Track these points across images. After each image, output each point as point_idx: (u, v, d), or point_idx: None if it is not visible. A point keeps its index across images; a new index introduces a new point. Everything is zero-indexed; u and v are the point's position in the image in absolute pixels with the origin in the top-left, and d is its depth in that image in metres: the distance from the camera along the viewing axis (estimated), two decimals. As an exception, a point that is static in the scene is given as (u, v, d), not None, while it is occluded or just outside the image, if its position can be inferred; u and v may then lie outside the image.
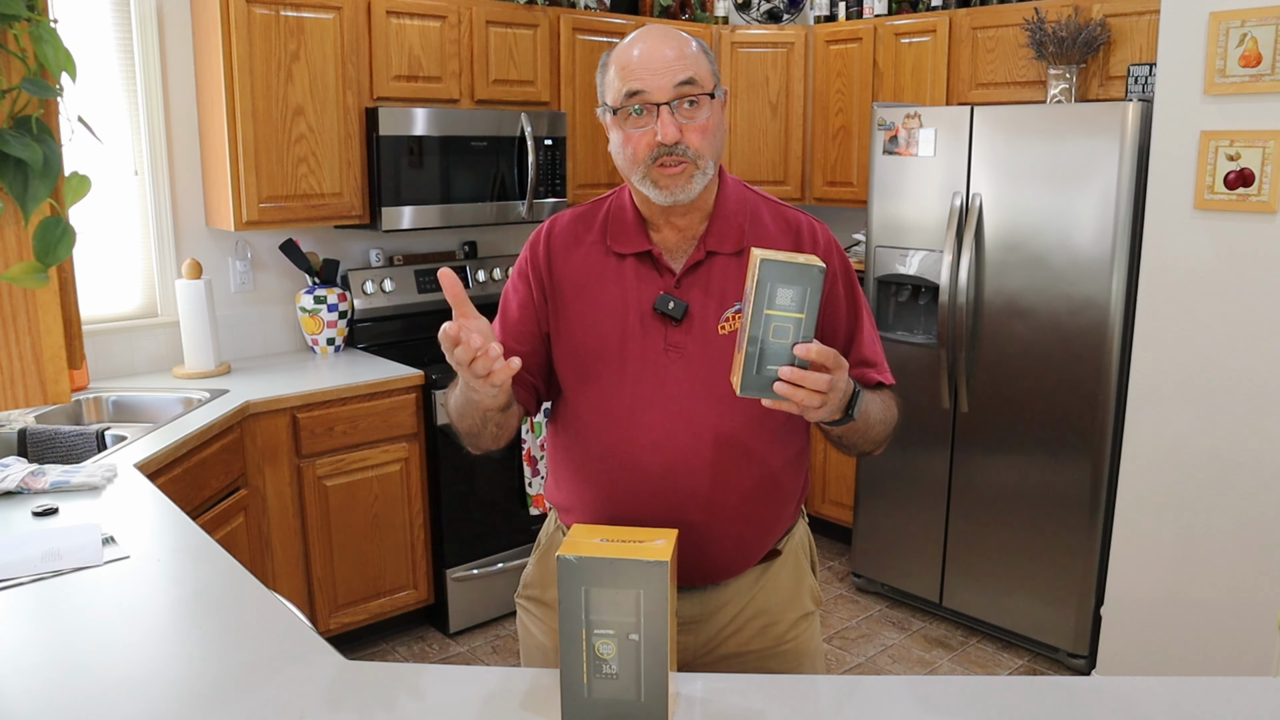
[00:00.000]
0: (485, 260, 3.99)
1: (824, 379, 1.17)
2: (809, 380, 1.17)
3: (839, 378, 1.20)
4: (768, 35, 4.27)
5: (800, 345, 1.16)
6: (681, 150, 1.35)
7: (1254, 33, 2.50)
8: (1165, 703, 1.23)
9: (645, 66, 1.35)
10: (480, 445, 1.49)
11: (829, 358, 1.18)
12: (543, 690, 1.23)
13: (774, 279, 1.15)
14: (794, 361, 1.17)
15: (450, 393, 1.47)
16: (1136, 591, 2.91)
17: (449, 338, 1.19)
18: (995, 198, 3.20)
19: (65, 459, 2.49)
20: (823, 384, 1.17)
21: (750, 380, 1.18)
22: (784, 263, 1.15)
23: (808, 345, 1.16)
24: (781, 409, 1.21)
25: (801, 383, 1.17)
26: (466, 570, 3.41)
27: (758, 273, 1.15)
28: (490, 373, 1.22)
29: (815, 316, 1.16)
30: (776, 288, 1.15)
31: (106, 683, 1.29)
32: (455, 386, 1.45)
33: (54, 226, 1.25)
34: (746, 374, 1.18)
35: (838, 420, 1.29)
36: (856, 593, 3.82)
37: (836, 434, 1.39)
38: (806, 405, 1.18)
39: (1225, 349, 2.66)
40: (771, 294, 1.16)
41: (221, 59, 3.05)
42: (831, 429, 1.36)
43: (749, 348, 1.17)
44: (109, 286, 3.23)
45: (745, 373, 1.18)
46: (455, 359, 1.21)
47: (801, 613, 1.55)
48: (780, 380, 1.17)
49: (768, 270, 1.15)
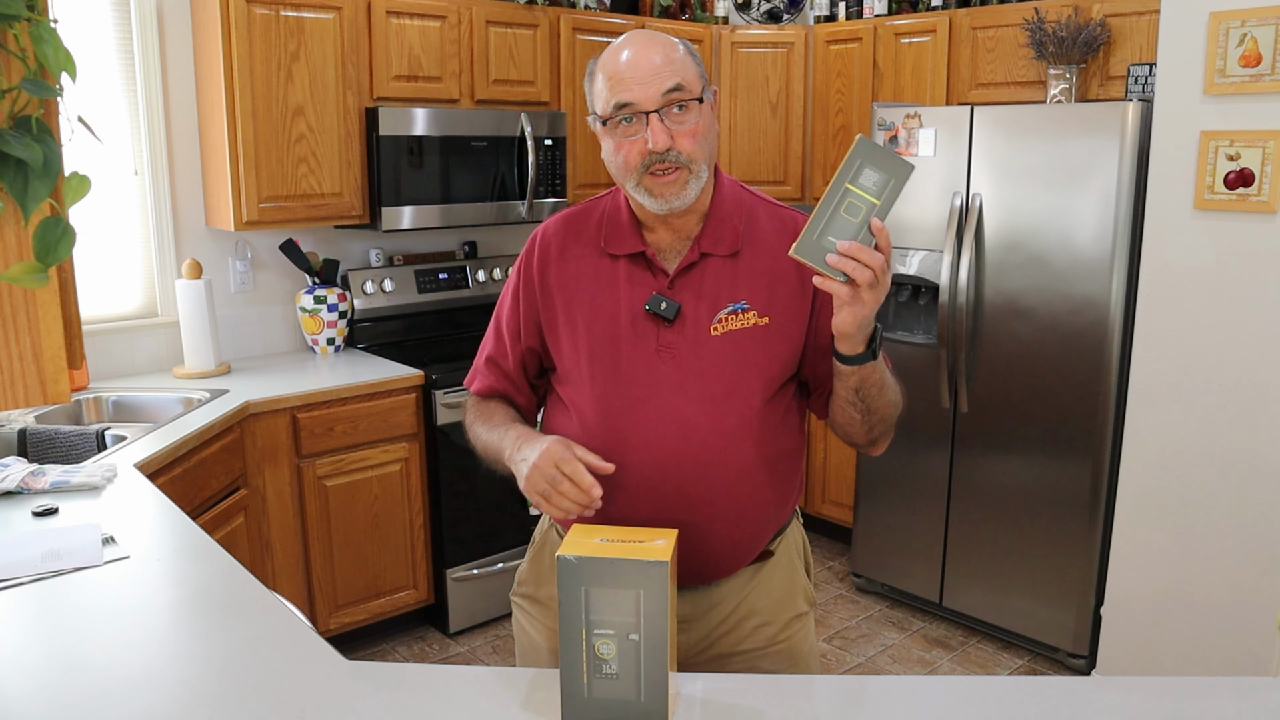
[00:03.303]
0: (485, 260, 3.99)
1: (879, 257, 1.19)
2: (865, 255, 1.18)
3: (888, 270, 1.21)
4: (768, 35, 4.27)
5: (875, 220, 1.18)
6: (674, 156, 1.35)
7: (1254, 33, 2.50)
8: (1165, 703, 1.23)
9: (632, 76, 1.35)
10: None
11: (888, 246, 1.20)
12: (543, 690, 1.23)
13: (865, 158, 1.18)
14: (858, 236, 1.19)
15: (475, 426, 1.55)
16: (1136, 591, 2.92)
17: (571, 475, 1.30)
18: (995, 198, 3.20)
19: (65, 459, 2.48)
20: (878, 262, 1.18)
21: (808, 245, 1.20)
22: (880, 146, 1.19)
23: (880, 223, 1.18)
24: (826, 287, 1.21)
25: (858, 256, 1.18)
26: (466, 570, 3.41)
27: (854, 147, 1.18)
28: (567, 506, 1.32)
29: (890, 207, 1.19)
30: (864, 167, 1.18)
31: (106, 683, 1.28)
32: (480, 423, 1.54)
33: (54, 226, 1.25)
34: (806, 237, 1.19)
35: (860, 355, 1.30)
36: (856, 593, 3.82)
37: (854, 384, 1.35)
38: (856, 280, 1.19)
39: (1225, 349, 2.66)
40: (858, 171, 1.18)
41: (221, 59, 3.05)
42: (851, 375, 1.34)
43: (818, 212, 1.19)
44: (109, 286, 3.23)
45: (805, 235, 1.19)
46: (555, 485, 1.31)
47: (795, 613, 1.55)
48: (837, 253, 1.18)
49: (864, 148, 1.18)
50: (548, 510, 1.34)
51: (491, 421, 1.53)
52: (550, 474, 1.31)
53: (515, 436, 1.44)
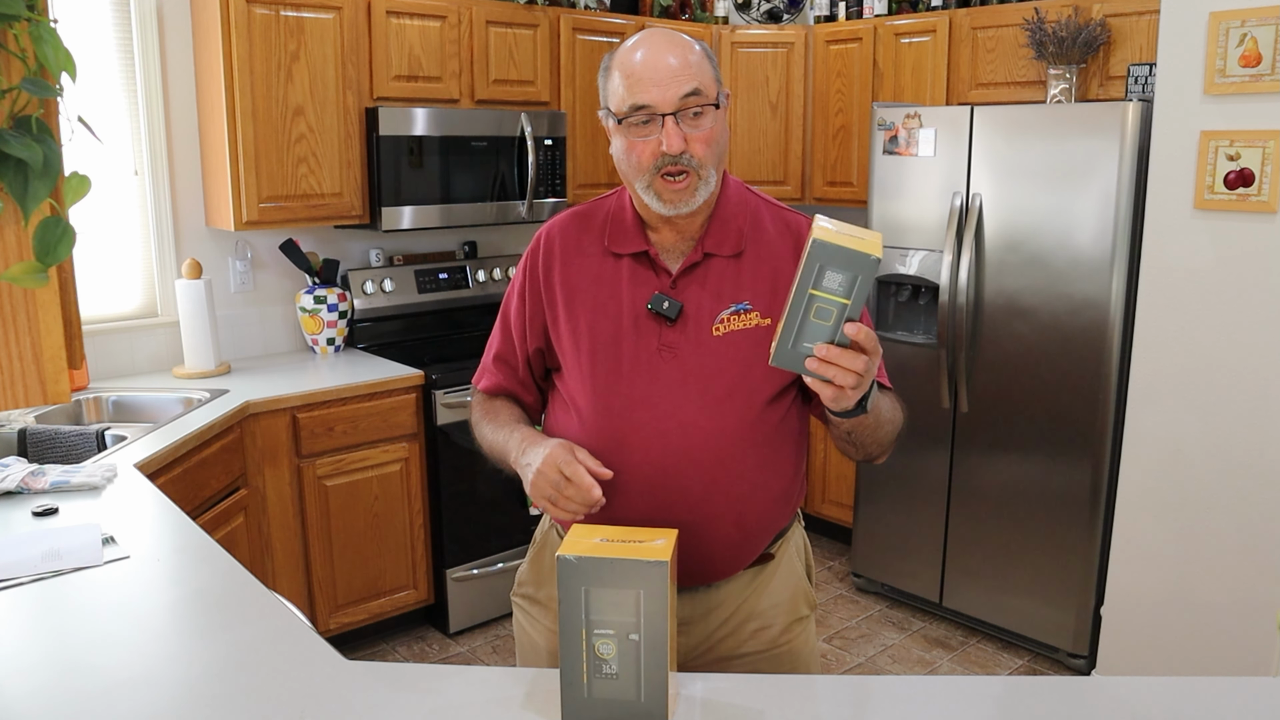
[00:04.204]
0: (485, 260, 3.99)
1: (861, 360, 1.16)
2: (845, 360, 1.15)
3: (873, 363, 1.19)
4: (768, 35, 4.27)
5: (850, 324, 1.14)
6: (686, 160, 1.36)
7: (1254, 33, 2.50)
8: (1165, 703, 1.23)
9: (650, 77, 1.35)
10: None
11: (870, 342, 1.17)
12: (543, 690, 1.23)
13: (825, 261, 1.13)
14: (833, 340, 1.15)
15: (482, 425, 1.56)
16: (1136, 591, 2.91)
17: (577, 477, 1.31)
18: (995, 198, 3.20)
19: (65, 459, 2.48)
20: (859, 365, 1.16)
21: (784, 353, 1.17)
22: (838, 247, 1.12)
23: (857, 325, 1.15)
24: (812, 385, 1.20)
25: (837, 361, 1.15)
26: (466, 570, 3.41)
27: (809, 250, 1.13)
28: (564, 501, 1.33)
29: (862, 303, 1.15)
30: (826, 270, 1.13)
31: (107, 683, 1.28)
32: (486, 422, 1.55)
33: (54, 226, 1.25)
34: (781, 346, 1.17)
35: (851, 412, 1.27)
36: (856, 593, 3.82)
37: (846, 429, 1.35)
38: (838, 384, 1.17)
39: (1225, 349, 2.66)
40: (820, 275, 1.13)
41: (221, 59, 3.05)
42: (843, 423, 1.33)
43: (788, 320, 1.16)
44: (109, 286, 3.23)
45: (780, 344, 1.17)
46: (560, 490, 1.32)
47: (796, 616, 1.55)
48: (815, 358, 1.16)
49: (820, 252, 1.13)
50: (554, 514, 1.34)
51: (497, 421, 1.54)
52: (555, 479, 1.32)
53: (520, 439, 1.44)
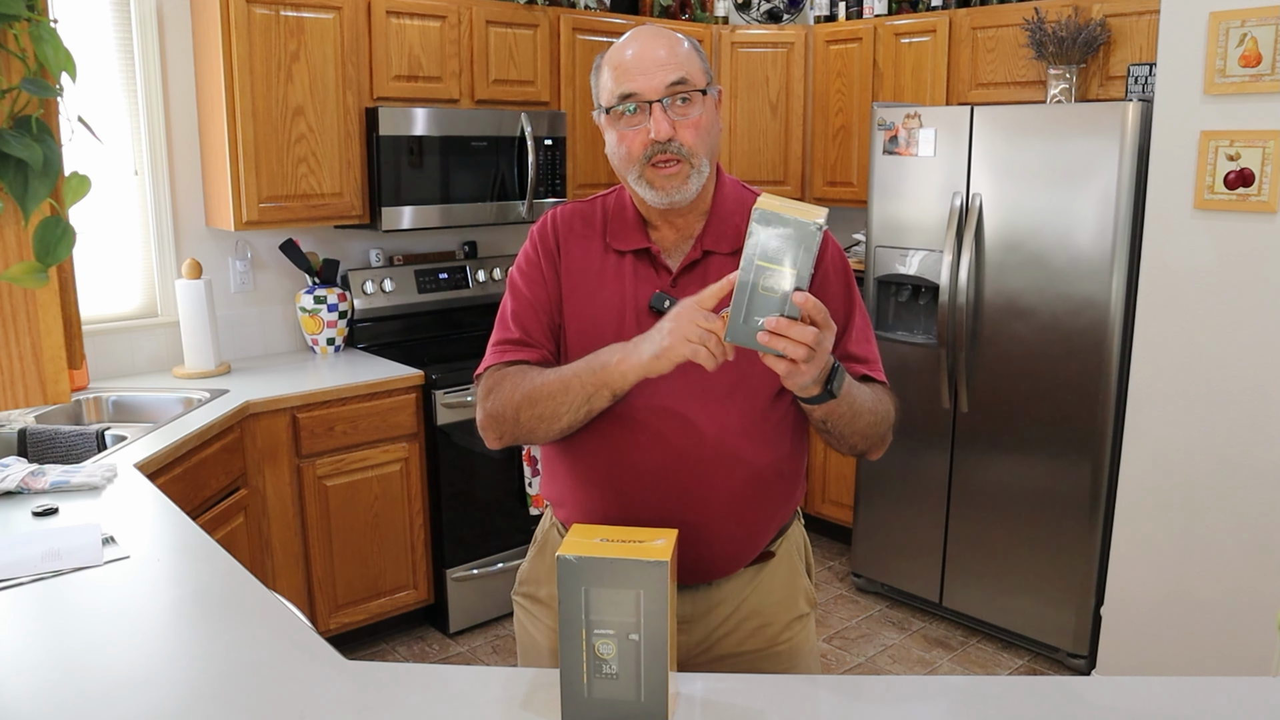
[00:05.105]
0: (485, 260, 3.99)
1: (810, 332, 1.15)
2: (794, 331, 1.15)
3: (826, 336, 1.18)
4: (768, 35, 4.27)
5: (799, 294, 1.14)
6: (675, 148, 1.36)
7: (1254, 33, 2.50)
8: (1165, 703, 1.23)
9: (637, 67, 1.36)
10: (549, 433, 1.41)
11: (819, 313, 1.16)
12: (543, 690, 1.23)
13: (768, 229, 1.13)
14: (782, 312, 1.15)
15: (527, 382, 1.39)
16: (1136, 591, 2.92)
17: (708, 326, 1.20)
18: (995, 198, 3.20)
19: (65, 459, 2.48)
20: (809, 337, 1.15)
21: (736, 329, 1.17)
22: (778, 214, 1.13)
23: (804, 294, 1.14)
24: (766, 362, 1.19)
25: (786, 333, 1.15)
26: (466, 570, 3.41)
27: (753, 219, 1.13)
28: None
29: (809, 272, 1.14)
30: (771, 239, 1.13)
31: (107, 683, 1.28)
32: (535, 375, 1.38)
33: (54, 226, 1.25)
34: (733, 321, 1.16)
35: (818, 397, 1.27)
36: (856, 593, 3.82)
37: (820, 416, 1.35)
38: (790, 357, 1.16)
39: (1225, 349, 2.66)
40: (764, 245, 1.14)
41: (221, 59, 3.05)
42: (814, 410, 1.33)
43: (737, 294, 1.16)
44: (109, 286, 3.23)
45: (732, 320, 1.16)
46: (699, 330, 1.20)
47: (796, 615, 1.55)
48: (765, 331, 1.15)
49: (762, 219, 1.13)
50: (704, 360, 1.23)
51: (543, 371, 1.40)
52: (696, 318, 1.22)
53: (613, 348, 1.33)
